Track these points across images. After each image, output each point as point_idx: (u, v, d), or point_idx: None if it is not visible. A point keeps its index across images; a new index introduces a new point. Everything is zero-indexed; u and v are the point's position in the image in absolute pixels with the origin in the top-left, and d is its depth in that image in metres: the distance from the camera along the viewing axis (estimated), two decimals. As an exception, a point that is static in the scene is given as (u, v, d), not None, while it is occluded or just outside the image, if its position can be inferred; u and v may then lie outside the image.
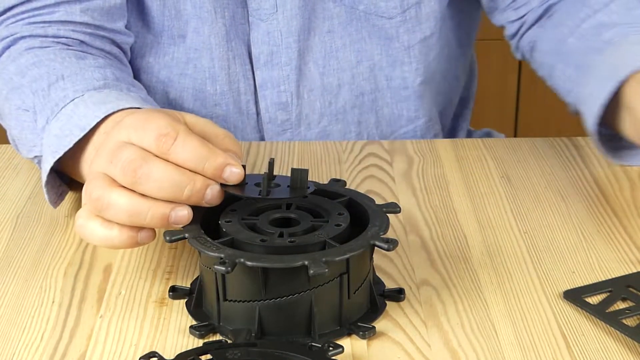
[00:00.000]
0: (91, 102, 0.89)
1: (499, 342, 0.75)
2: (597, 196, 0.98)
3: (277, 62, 1.14)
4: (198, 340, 0.76)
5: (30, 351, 0.75)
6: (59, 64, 0.96)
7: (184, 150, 0.74)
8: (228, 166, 0.75)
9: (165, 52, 1.15)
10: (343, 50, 1.16)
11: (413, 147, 1.11)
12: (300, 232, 0.76)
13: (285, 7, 1.12)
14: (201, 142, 0.75)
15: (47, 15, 1.02)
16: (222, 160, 0.75)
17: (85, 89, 0.91)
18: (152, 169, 0.74)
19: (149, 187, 0.74)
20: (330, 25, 1.14)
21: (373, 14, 1.14)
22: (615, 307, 0.79)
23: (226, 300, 0.75)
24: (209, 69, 1.15)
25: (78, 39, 1.02)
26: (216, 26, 1.12)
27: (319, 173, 1.04)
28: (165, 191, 0.74)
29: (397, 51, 1.17)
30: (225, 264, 0.71)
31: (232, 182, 0.75)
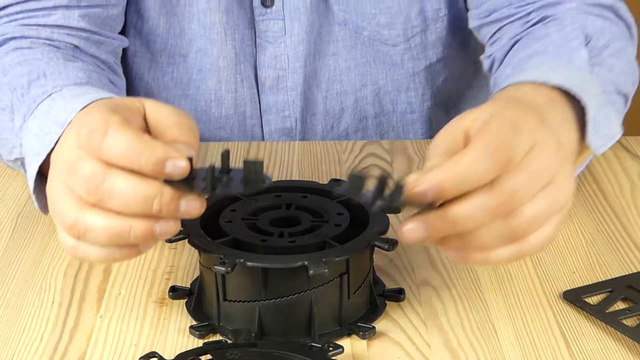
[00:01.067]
0: (69, 95, 0.82)
1: (499, 342, 0.75)
2: (597, 196, 0.98)
3: (282, 87, 1.14)
4: (198, 340, 0.76)
5: (30, 351, 0.75)
6: (44, 63, 0.91)
7: (115, 145, 0.66)
8: (169, 160, 0.65)
9: (164, 71, 1.14)
10: (347, 73, 1.15)
11: (413, 147, 1.10)
12: (300, 232, 0.76)
13: (292, 31, 1.11)
14: (135, 135, 0.66)
15: (42, 18, 0.99)
16: (160, 153, 0.65)
17: (65, 84, 0.86)
18: (114, 184, 0.66)
19: (115, 204, 0.66)
20: (335, 48, 1.14)
21: (377, 40, 1.13)
22: (615, 307, 0.79)
23: (226, 300, 0.75)
24: (215, 91, 1.14)
25: (72, 44, 0.99)
26: (225, 48, 1.11)
27: (319, 173, 1.04)
28: (132, 207, 0.66)
29: (402, 77, 1.16)
30: (225, 264, 0.71)
31: (176, 176, 0.66)
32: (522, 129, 0.65)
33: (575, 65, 0.87)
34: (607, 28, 0.94)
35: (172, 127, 0.70)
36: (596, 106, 0.81)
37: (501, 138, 0.64)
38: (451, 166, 0.63)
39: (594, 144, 0.81)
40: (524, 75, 0.82)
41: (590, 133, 0.80)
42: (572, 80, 0.80)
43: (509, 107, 0.69)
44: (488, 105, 0.71)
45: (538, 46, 0.91)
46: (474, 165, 0.63)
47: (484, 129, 0.65)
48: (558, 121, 0.76)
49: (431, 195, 0.63)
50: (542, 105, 0.76)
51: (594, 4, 0.97)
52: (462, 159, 0.63)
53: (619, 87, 0.90)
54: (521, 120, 0.66)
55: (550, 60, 0.89)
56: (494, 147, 0.63)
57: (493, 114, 0.67)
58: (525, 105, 0.72)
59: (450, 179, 0.63)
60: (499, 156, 0.63)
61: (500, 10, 1.01)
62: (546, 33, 0.93)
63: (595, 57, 0.90)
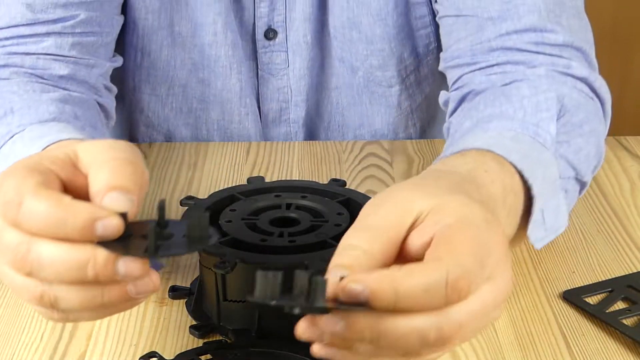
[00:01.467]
0: (29, 138, 0.79)
1: (499, 342, 0.75)
2: (597, 196, 0.98)
3: (285, 119, 1.14)
4: (198, 340, 0.76)
5: (30, 351, 0.75)
6: (17, 96, 0.87)
7: (33, 217, 0.59)
8: (97, 221, 0.59)
9: (164, 103, 1.13)
10: (348, 108, 1.15)
11: (413, 147, 1.10)
12: (300, 232, 0.76)
13: (295, 64, 1.11)
14: (54, 202, 0.59)
15: (32, 45, 0.95)
16: (85, 216, 0.59)
17: (29, 123, 0.82)
18: (41, 253, 0.59)
19: (47, 274, 0.60)
20: (336, 82, 1.13)
21: (372, 81, 1.12)
22: (615, 307, 0.79)
23: (226, 300, 0.75)
24: (217, 121, 1.13)
25: (58, 72, 0.95)
26: (229, 82, 1.10)
27: (319, 173, 1.04)
28: (65, 276, 0.59)
29: (399, 118, 1.15)
30: (225, 264, 0.71)
31: (109, 237, 0.59)
32: (485, 263, 0.57)
33: (541, 140, 0.80)
34: (584, 104, 0.87)
35: (102, 168, 0.62)
36: (547, 195, 0.77)
37: (464, 269, 0.56)
38: (400, 280, 0.55)
39: (534, 237, 0.77)
40: (482, 139, 0.77)
41: (534, 226, 0.76)
42: (530, 161, 0.76)
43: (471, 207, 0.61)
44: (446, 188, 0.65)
45: (506, 108, 0.83)
46: (428, 292, 0.55)
47: (448, 249, 0.57)
48: (504, 217, 0.72)
49: (362, 298, 0.54)
50: (497, 196, 0.71)
51: (565, 73, 0.90)
52: (416, 278, 0.55)
53: (580, 174, 0.84)
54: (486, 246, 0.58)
55: (515, 127, 0.81)
56: (454, 278, 0.55)
57: (457, 222, 0.59)
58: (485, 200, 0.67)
59: (392, 293, 0.54)
60: (457, 290, 0.55)
61: (462, 56, 0.94)
62: (517, 94, 0.85)
63: (565, 135, 0.83)
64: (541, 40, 0.91)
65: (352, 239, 0.59)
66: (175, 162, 1.07)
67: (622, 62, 2.10)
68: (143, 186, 0.63)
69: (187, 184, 1.02)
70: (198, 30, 1.08)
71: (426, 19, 1.09)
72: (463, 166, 0.72)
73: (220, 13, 1.07)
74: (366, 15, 1.07)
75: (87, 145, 0.65)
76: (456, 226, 0.59)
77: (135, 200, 0.61)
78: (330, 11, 1.08)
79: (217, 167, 1.06)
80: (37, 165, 0.63)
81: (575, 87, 0.89)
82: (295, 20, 1.09)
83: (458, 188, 0.66)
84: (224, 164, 1.06)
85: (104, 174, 0.62)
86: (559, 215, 0.79)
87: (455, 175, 0.70)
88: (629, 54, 2.11)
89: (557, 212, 0.79)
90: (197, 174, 1.04)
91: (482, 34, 0.93)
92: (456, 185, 0.67)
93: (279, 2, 1.08)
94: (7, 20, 0.95)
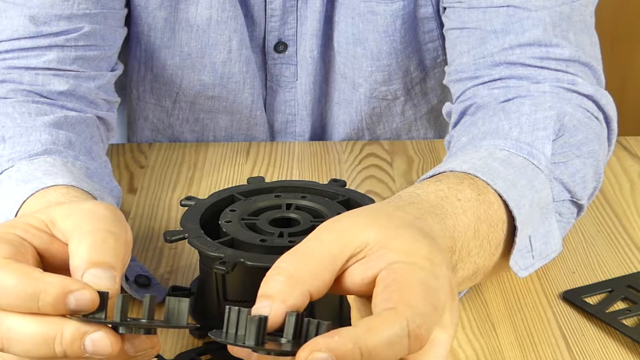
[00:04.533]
0: (15, 180, 0.77)
1: (499, 342, 0.75)
2: (597, 196, 0.98)
3: (291, 131, 1.14)
4: (198, 340, 0.76)
5: (30, 351, 0.75)
6: (11, 120, 0.85)
7: (4, 293, 0.58)
8: (69, 295, 0.57)
9: (170, 113, 1.13)
10: (344, 125, 1.14)
11: (413, 147, 1.10)
12: (300, 232, 0.76)
13: (302, 78, 1.10)
14: (22, 276, 0.58)
15: (33, 59, 0.92)
16: (56, 290, 0.57)
17: (19, 158, 0.80)
18: (10, 328, 0.58)
19: (17, 351, 0.58)
20: (337, 98, 1.13)
21: (374, 98, 1.11)
22: (615, 307, 0.79)
23: (226, 300, 0.75)
24: (225, 128, 1.13)
25: (57, 88, 0.92)
26: (242, 96, 1.10)
27: (319, 173, 1.04)
28: (32, 352, 0.58)
29: (402, 124, 1.15)
30: (225, 264, 0.71)
31: (84, 310, 0.57)
32: (436, 305, 0.56)
33: (534, 161, 0.78)
34: (586, 123, 0.85)
35: (83, 240, 0.61)
36: (536, 223, 0.76)
37: (422, 317, 0.55)
38: (364, 338, 0.53)
39: (517, 267, 0.75)
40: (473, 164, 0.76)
41: (516, 257, 0.75)
42: (518, 189, 0.74)
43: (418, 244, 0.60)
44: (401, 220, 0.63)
45: (503, 124, 0.82)
46: (390, 345, 0.54)
47: (410, 296, 0.56)
48: (476, 248, 0.70)
49: None
50: (469, 226, 0.69)
51: (570, 89, 0.88)
52: (379, 334, 0.54)
53: (576, 196, 0.82)
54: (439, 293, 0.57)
55: (508, 147, 0.79)
56: (414, 328, 0.54)
57: (402, 261, 0.58)
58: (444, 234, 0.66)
59: (358, 354, 0.53)
60: (418, 339, 0.55)
61: (466, 70, 0.93)
62: (517, 111, 0.84)
63: (561, 155, 0.81)
64: (546, 55, 0.90)
65: (283, 262, 0.59)
66: (175, 162, 1.07)
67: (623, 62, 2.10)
68: (127, 254, 0.62)
69: (187, 184, 1.02)
70: (210, 50, 1.06)
71: (434, 32, 1.08)
72: (434, 193, 0.70)
73: (236, 30, 1.05)
74: (372, 32, 1.06)
75: (65, 210, 0.64)
76: (402, 267, 0.57)
77: (117, 277, 0.60)
78: (336, 27, 1.08)
79: (217, 167, 1.06)
80: (8, 234, 0.62)
81: (580, 106, 0.87)
82: (305, 34, 1.08)
83: (414, 222, 0.64)
84: (224, 164, 1.06)
85: (84, 247, 0.60)
86: (550, 241, 0.78)
87: (419, 204, 0.68)
88: (629, 54, 2.11)
89: (548, 237, 0.78)
90: (197, 174, 1.04)
91: (485, 48, 0.92)
92: (414, 217, 0.65)
93: (290, 17, 1.07)
94: (9, 33, 0.93)
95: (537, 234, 0.77)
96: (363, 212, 0.64)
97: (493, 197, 0.73)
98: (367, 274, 0.58)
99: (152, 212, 0.95)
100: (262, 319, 0.54)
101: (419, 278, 0.57)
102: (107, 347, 0.57)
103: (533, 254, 0.76)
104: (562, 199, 0.81)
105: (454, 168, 0.75)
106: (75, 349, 0.57)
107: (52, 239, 0.63)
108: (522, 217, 0.74)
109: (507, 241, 0.74)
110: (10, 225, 0.63)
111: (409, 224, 0.62)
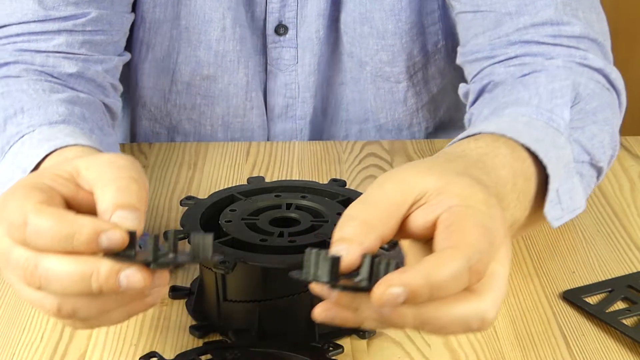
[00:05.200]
0: (37, 140, 0.80)
1: (499, 342, 0.75)
2: (597, 196, 0.98)
3: (291, 115, 1.14)
4: (198, 340, 0.76)
5: (30, 351, 0.75)
6: (27, 95, 0.88)
7: (39, 235, 0.61)
8: (102, 234, 0.61)
9: (167, 99, 1.13)
10: (353, 104, 1.15)
11: (413, 147, 1.11)
12: (300, 232, 0.76)
13: (304, 60, 1.11)
14: (57, 219, 0.62)
15: (43, 42, 0.95)
16: (90, 230, 0.61)
17: (39, 124, 0.83)
18: (48, 268, 0.62)
19: (54, 288, 0.62)
20: (343, 78, 1.14)
21: (380, 76, 1.13)
22: (615, 307, 0.79)
23: (226, 300, 0.75)
24: (222, 116, 1.14)
25: (67, 70, 0.95)
26: (237, 76, 1.11)
27: (319, 173, 1.04)
28: (70, 289, 0.61)
29: (404, 114, 1.16)
30: (225, 264, 0.71)
31: (115, 248, 0.61)
32: (493, 243, 0.61)
33: (554, 125, 0.83)
34: (599, 93, 0.90)
35: (108, 186, 0.65)
36: (561, 176, 0.80)
37: (481, 255, 0.60)
38: (432, 273, 0.58)
39: (550, 216, 0.79)
40: (494, 124, 0.80)
41: (551, 206, 0.79)
42: (544, 144, 0.79)
43: (474, 190, 0.64)
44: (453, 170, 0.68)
45: (522, 95, 0.87)
46: (455, 280, 0.59)
47: (467, 236, 0.61)
48: (513, 201, 0.74)
49: (402, 299, 0.58)
50: (506, 180, 0.73)
51: (582, 64, 0.92)
52: (445, 269, 0.59)
53: (595, 159, 0.86)
54: (494, 231, 0.62)
55: (530, 113, 0.84)
56: (474, 264, 0.59)
57: (460, 204, 0.63)
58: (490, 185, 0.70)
59: (427, 287, 0.58)
60: (477, 273, 0.60)
61: (482, 51, 0.96)
62: (534, 83, 0.88)
63: (579, 121, 0.85)
64: (558, 33, 0.93)
65: (352, 210, 0.63)
66: (175, 162, 1.07)
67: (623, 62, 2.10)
68: (146, 201, 0.65)
69: (187, 184, 1.02)
70: (205, 27, 1.08)
71: (435, 14, 1.11)
72: (475, 150, 0.75)
73: (230, 8, 1.07)
74: (379, 11, 1.09)
75: (89, 161, 0.67)
76: (461, 210, 0.62)
77: (141, 218, 0.64)
78: (343, 7, 1.09)
79: (217, 167, 1.06)
80: (37, 184, 0.65)
81: (591, 78, 0.90)
82: (307, 16, 1.09)
83: (465, 171, 0.69)
84: (224, 164, 1.06)
85: (110, 192, 0.64)
86: (575, 197, 0.81)
87: (465, 158, 0.73)
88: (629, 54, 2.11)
89: (573, 193, 0.81)
90: (197, 174, 1.04)
91: (500, 29, 0.95)
92: (464, 168, 0.70)
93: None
94: (18, 17, 0.95)
95: (563, 189, 0.80)
96: (419, 164, 0.69)
97: (524, 154, 0.77)
98: (428, 218, 0.63)
99: (152, 212, 0.95)
100: (336, 258, 0.59)
101: (476, 219, 0.62)
102: (139, 282, 0.60)
103: (562, 207, 0.80)
104: (581, 160, 0.84)
105: (482, 130, 0.79)
106: (111, 284, 0.60)
107: (78, 188, 0.66)
108: (551, 167, 0.77)
109: (538, 196, 0.78)
110: (39, 175, 0.67)
111: (462, 173, 0.67)
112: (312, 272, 0.59)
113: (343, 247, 0.61)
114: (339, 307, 0.60)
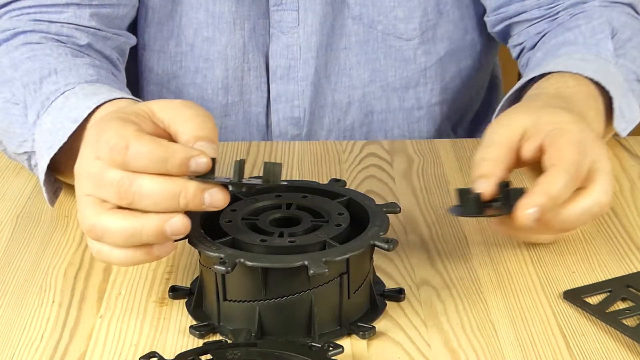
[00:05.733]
0: (82, 94, 0.88)
1: (499, 342, 0.75)
2: (597, 196, 0.98)
3: (293, 77, 1.15)
4: (198, 340, 0.76)
5: (30, 351, 0.75)
6: (54, 58, 0.95)
7: (139, 157, 0.71)
8: (192, 159, 0.71)
9: (173, 61, 1.16)
10: (357, 68, 1.16)
11: (413, 147, 1.11)
12: (300, 232, 0.76)
13: (306, 22, 1.13)
14: (155, 144, 0.71)
15: (54, 15, 1.01)
16: (182, 155, 0.71)
17: (77, 82, 0.91)
18: (142, 186, 0.71)
19: (145, 204, 0.72)
20: (346, 42, 1.15)
21: (392, 34, 1.15)
22: (615, 307, 0.79)
23: (226, 300, 0.75)
24: (222, 79, 1.15)
25: (79, 41, 1.01)
26: (234, 37, 1.13)
27: (319, 173, 1.04)
28: (160, 205, 0.71)
29: (413, 72, 1.17)
30: (225, 264, 0.71)
31: (201, 171, 0.72)
32: (585, 153, 0.79)
33: (602, 56, 1.00)
34: (630, 23, 1.06)
35: (188, 122, 0.74)
36: (620, 95, 0.96)
37: (577, 164, 0.78)
38: (547, 189, 0.77)
39: (619, 128, 0.97)
40: (558, 64, 0.96)
41: (617, 120, 0.96)
42: (601, 72, 0.95)
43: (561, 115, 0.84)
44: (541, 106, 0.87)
45: (568, 35, 1.04)
46: (566, 189, 0.78)
47: (562, 153, 0.79)
48: (593, 116, 0.91)
49: (537, 216, 0.76)
50: (582, 102, 0.91)
51: (614, 1, 1.09)
52: (557, 183, 0.77)
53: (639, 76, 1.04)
54: (584, 140, 0.80)
55: (580, 50, 1.01)
56: (574, 172, 0.78)
57: (555, 128, 0.81)
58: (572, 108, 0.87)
59: (550, 201, 0.77)
60: (577, 180, 0.79)
61: (530, 11, 1.11)
62: (576, 25, 1.04)
63: (620, 49, 1.02)
64: None
65: (482, 153, 0.81)
66: (175, 162, 1.07)
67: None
68: (217, 136, 0.76)
69: (187, 184, 1.02)
70: None
71: None
72: (549, 87, 0.93)
73: None
74: None
75: (163, 103, 0.76)
76: (556, 133, 0.81)
77: (216, 149, 0.74)
78: None
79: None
80: (127, 116, 0.74)
81: (623, 11, 1.08)
82: None
83: (550, 104, 0.88)
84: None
85: (190, 127, 0.74)
86: (633, 108, 0.99)
87: (544, 95, 0.92)
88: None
89: (631, 107, 0.99)
90: (197, 174, 1.04)
91: None
92: (548, 102, 0.89)
93: None
94: None
95: (623, 105, 0.97)
96: (515, 109, 0.87)
97: (587, 82, 0.94)
98: (533, 145, 0.81)
99: (152, 212, 0.95)
100: (477, 195, 0.79)
101: (569, 137, 0.80)
102: (220, 200, 0.72)
103: (625, 120, 0.98)
104: (630, 79, 1.02)
105: (550, 69, 0.95)
106: (197, 201, 0.72)
107: (156, 125, 0.75)
108: (613, 90, 0.95)
109: (605, 114, 0.95)
110: (122, 111, 0.76)
111: (549, 105, 0.87)
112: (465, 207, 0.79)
113: (483, 181, 0.79)
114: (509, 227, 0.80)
